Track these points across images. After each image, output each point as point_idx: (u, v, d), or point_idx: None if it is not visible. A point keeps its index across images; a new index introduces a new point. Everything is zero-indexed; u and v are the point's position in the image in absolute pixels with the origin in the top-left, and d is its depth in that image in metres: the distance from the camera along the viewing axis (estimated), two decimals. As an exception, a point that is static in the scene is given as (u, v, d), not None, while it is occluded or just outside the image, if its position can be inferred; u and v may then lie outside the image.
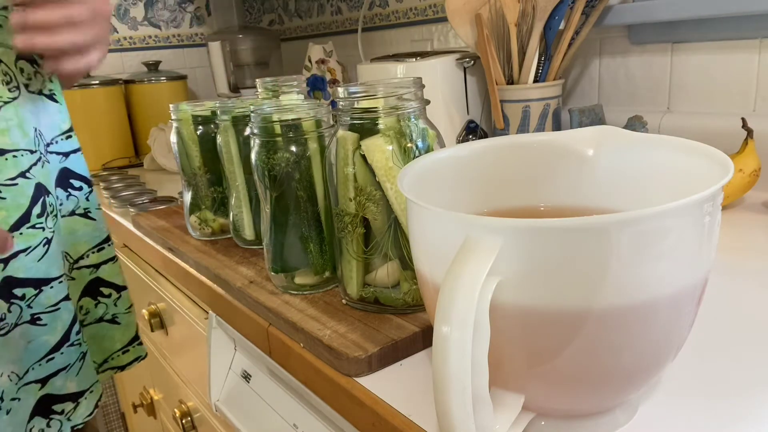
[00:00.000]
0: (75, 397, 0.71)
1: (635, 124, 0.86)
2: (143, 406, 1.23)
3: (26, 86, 0.64)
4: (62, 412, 0.70)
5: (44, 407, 0.68)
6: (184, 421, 0.95)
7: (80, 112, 1.52)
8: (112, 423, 1.89)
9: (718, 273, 0.55)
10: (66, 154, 0.71)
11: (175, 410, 0.97)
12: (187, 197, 0.81)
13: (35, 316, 0.65)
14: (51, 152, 0.69)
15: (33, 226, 0.63)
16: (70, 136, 0.71)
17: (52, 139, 0.69)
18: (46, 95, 0.68)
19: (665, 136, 0.41)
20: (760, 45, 0.79)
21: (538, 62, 0.91)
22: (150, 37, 1.79)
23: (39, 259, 0.64)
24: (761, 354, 0.43)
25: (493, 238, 0.29)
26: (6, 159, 0.60)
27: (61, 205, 0.70)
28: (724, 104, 0.84)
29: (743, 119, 0.73)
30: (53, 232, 0.65)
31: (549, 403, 0.34)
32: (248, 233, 0.73)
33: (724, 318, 0.48)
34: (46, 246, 0.64)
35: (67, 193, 0.71)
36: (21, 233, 0.62)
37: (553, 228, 0.28)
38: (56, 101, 0.69)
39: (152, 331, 1.00)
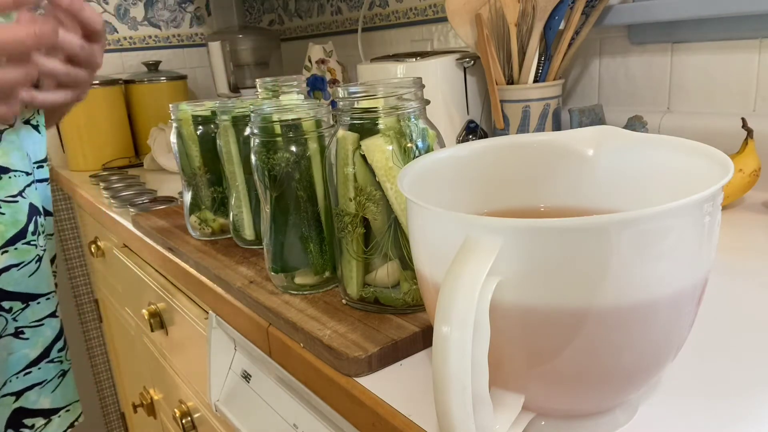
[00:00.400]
0: (47, 414, 0.72)
1: (635, 124, 0.86)
2: (143, 406, 1.23)
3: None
4: (32, 427, 0.70)
5: (16, 420, 0.69)
6: (184, 421, 0.95)
7: (80, 112, 1.52)
8: (112, 423, 1.89)
9: (718, 273, 0.55)
10: (39, 182, 0.72)
11: (175, 410, 0.97)
12: (187, 197, 0.81)
13: (19, 330, 0.66)
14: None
15: (28, 243, 0.64)
16: (42, 166, 0.72)
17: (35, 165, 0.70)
18: (33, 125, 0.69)
19: (665, 136, 0.41)
20: (760, 45, 0.79)
21: (538, 62, 0.91)
22: (150, 37, 1.79)
23: (30, 275, 0.65)
24: (761, 354, 0.43)
25: (493, 238, 0.29)
26: (9, 177, 0.63)
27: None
28: (724, 104, 0.84)
29: (743, 119, 0.73)
30: (44, 250, 0.66)
31: (549, 403, 0.34)
32: (248, 233, 0.73)
33: (724, 318, 0.48)
34: (38, 263, 0.65)
35: None
36: (16, 248, 0.63)
37: (553, 228, 0.28)
38: (39, 132, 0.70)
39: (152, 331, 1.00)
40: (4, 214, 0.62)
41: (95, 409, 1.86)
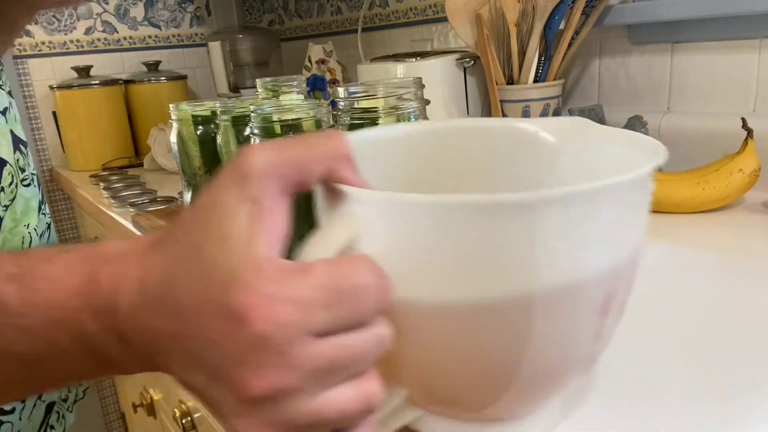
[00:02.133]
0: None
1: (635, 124, 0.86)
2: (143, 406, 1.23)
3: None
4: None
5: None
6: (184, 421, 0.95)
7: (80, 112, 1.52)
8: (112, 423, 1.89)
9: (718, 273, 0.55)
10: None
11: (175, 410, 0.97)
12: (187, 197, 0.81)
13: None
14: None
15: (43, 213, 0.67)
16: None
17: None
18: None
19: (622, 130, 0.36)
20: (760, 45, 0.79)
21: (538, 62, 0.91)
22: (150, 37, 1.79)
23: (47, 242, 0.68)
24: (760, 354, 0.43)
25: (353, 209, 0.27)
26: (24, 154, 0.64)
27: None
28: (724, 104, 0.84)
29: (743, 119, 0.73)
30: (50, 218, 0.70)
31: (431, 400, 0.32)
32: (248, 233, 0.73)
33: (723, 318, 0.48)
34: (49, 230, 0.68)
35: None
36: (40, 218, 0.66)
37: (419, 204, 0.24)
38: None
39: (152, 331, 1.00)
40: (28, 186, 0.64)
41: (95, 409, 1.86)
